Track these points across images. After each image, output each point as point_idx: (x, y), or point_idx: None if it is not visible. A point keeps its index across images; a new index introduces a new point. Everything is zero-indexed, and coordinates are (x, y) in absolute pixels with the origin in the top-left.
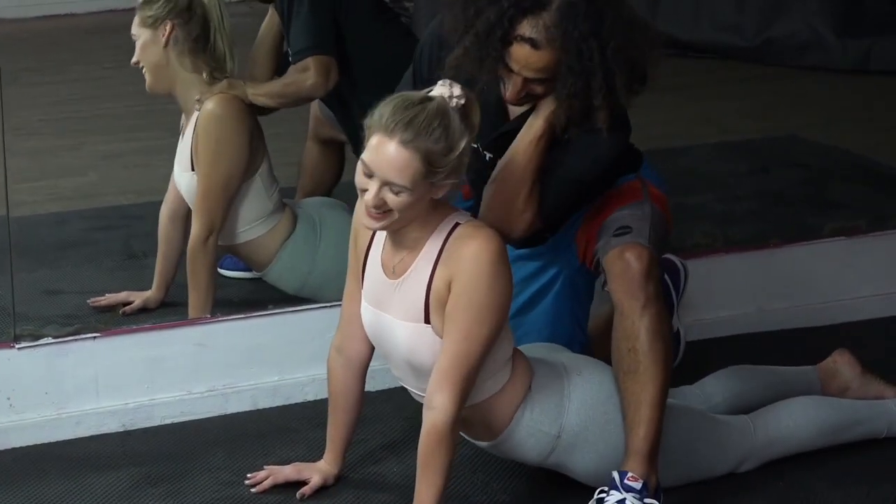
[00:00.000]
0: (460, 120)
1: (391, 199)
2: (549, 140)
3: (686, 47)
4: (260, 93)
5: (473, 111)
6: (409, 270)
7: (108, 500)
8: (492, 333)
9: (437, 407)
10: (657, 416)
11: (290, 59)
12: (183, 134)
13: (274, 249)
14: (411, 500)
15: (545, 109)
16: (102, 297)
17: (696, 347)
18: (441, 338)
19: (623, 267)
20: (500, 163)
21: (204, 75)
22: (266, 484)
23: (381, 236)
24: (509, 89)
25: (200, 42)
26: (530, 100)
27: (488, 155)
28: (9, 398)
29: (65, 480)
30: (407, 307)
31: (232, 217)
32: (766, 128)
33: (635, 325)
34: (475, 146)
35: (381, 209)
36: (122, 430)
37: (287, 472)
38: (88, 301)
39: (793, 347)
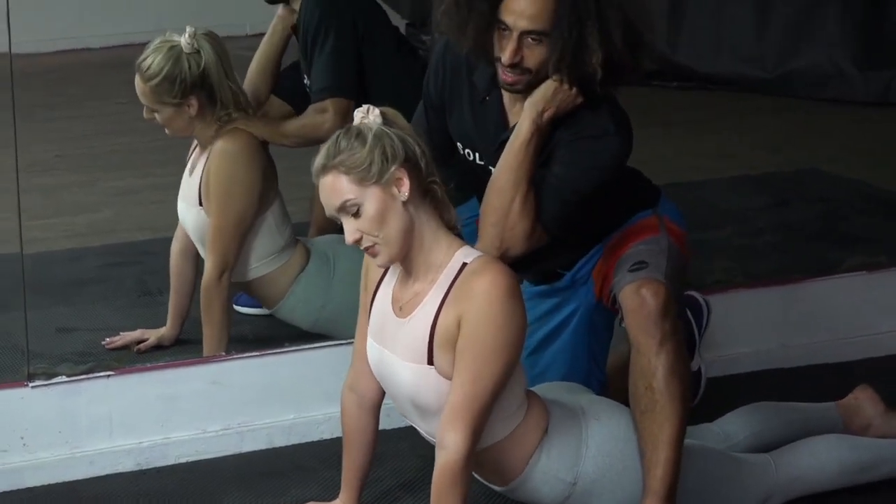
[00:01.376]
0: (383, 128)
1: (360, 224)
2: (538, 142)
3: (706, 80)
4: (276, 131)
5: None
6: (416, 309)
7: None
8: (505, 371)
9: (448, 446)
10: (675, 455)
11: (310, 94)
12: (191, 169)
13: (285, 285)
14: None
15: (530, 111)
16: (118, 337)
17: (717, 384)
18: (446, 378)
19: (639, 303)
20: (494, 172)
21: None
22: None
23: (393, 271)
24: (506, 52)
25: (213, 96)
26: (525, 74)
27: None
28: (22, 437)
29: None
30: (410, 347)
31: (242, 254)
32: (787, 161)
33: (652, 363)
34: (481, 163)
35: (365, 243)
36: (136, 469)
37: None
38: (103, 343)
39: (815, 384)
